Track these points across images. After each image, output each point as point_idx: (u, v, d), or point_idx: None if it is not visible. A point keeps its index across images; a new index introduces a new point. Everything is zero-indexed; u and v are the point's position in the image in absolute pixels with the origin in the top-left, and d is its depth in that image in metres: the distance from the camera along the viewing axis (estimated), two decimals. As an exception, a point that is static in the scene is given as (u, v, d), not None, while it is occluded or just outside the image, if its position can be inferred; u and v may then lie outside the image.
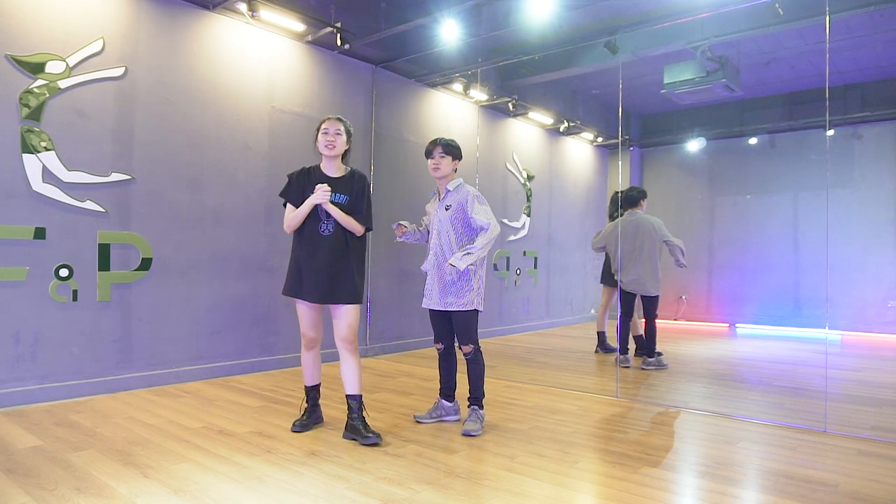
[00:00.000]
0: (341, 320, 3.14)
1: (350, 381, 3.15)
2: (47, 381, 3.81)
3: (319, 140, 3.15)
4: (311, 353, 3.30)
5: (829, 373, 4.12)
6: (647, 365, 5.25)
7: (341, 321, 3.14)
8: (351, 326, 3.14)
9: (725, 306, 7.13)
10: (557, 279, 8.39)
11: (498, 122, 7.44)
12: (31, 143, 3.74)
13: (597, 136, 8.65)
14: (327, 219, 3.11)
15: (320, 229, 3.11)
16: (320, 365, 3.37)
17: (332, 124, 3.15)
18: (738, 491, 2.50)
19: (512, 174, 7.64)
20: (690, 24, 5.22)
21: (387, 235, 6.08)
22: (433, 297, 3.38)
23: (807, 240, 6.53)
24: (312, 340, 3.26)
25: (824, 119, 4.19)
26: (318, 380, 3.35)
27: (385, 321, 6.06)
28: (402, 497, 2.36)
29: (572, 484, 2.55)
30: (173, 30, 4.43)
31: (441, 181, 3.44)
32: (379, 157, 6.00)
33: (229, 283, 4.74)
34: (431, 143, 3.43)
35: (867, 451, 3.04)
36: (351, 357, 3.16)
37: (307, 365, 3.32)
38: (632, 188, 5.60)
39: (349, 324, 3.14)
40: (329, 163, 3.19)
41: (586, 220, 8.88)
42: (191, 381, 4.47)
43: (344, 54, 5.61)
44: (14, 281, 3.68)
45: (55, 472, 2.57)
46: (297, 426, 3.26)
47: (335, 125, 3.15)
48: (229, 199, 4.75)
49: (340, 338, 3.15)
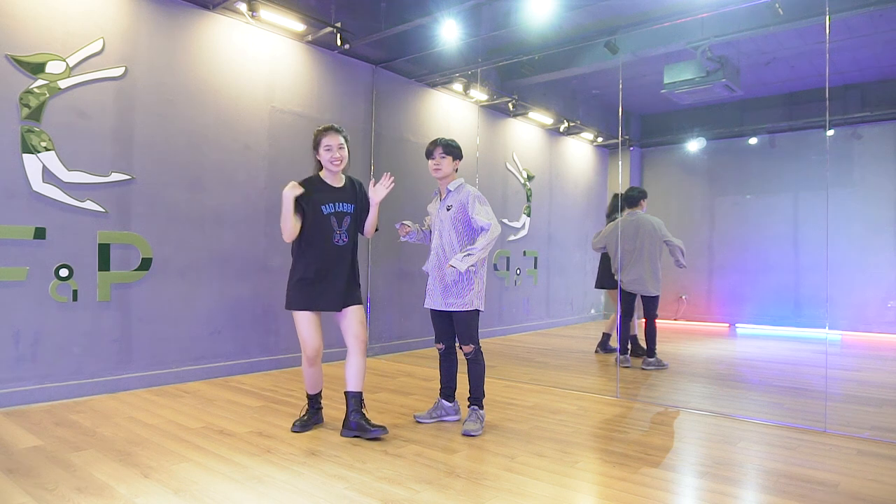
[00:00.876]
0: (354, 319, 3.20)
1: (356, 377, 3.18)
2: (47, 381, 3.81)
3: (323, 156, 3.15)
4: (315, 367, 3.27)
5: (829, 373, 4.12)
6: (647, 365, 5.25)
7: (354, 320, 3.20)
8: (363, 323, 3.24)
9: (725, 306, 7.13)
10: (557, 279, 8.39)
11: (498, 122, 7.44)
12: (32, 143, 3.74)
13: (597, 136, 8.65)
14: (340, 228, 3.17)
15: (335, 240, 3.16)
16: (322, 373, 3.37)
17: (334, 138, 3.14)
18: (738, 491, 2.50)
19: (512, 174, 7.64)
20: (690, 24, 5.22)
21: (387, 235, 6.08)
22: (435, 298, 3.38)
23: (807, 240, 6.53)
24: (317, 351, 3.21)
25: (824, 119, 4.20)
26: (321, 386, 3.38)
27: (385, 321, 6.06)
28: (402, 497, 2.36)
29: (572, 484, 2.55)
30: (173, 30, 4.43)
31: (442, 181, 3.44)
32: (379, 157, 6.00)
33: (229, 283, 4.74)
34: (432, 143, 3.42)
35: (867, 451, 3.04)
36: (362, 355, 3.21)
37: (312, 376, 3.30)
38: (632, 188, 5.61)
39: (361, 321, 3.23)
40: (332, 174, 3.21)
41: (586, 220, 8.88)
42: (191, 381, 4.47)
43: (344, 54, 5.61)
44: (14, 281, 3.68)
45: (55, 472, 2.57)
46: (297, 426, 3.26)
47: (337, 139, 3.15)
48: (229, 199, 4.75)
49: (355, 336, 3.20)
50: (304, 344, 3.18)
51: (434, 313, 3.47)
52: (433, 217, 3.51)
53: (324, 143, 3.14)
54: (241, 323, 4.82)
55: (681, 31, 5.36)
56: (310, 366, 3.25)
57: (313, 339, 3.17)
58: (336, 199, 3.18)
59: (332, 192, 3.18)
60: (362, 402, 3.18)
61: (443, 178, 3.41)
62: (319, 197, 3.15)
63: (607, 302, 6.16)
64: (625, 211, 5.51)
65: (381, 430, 3.09)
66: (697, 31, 5.28)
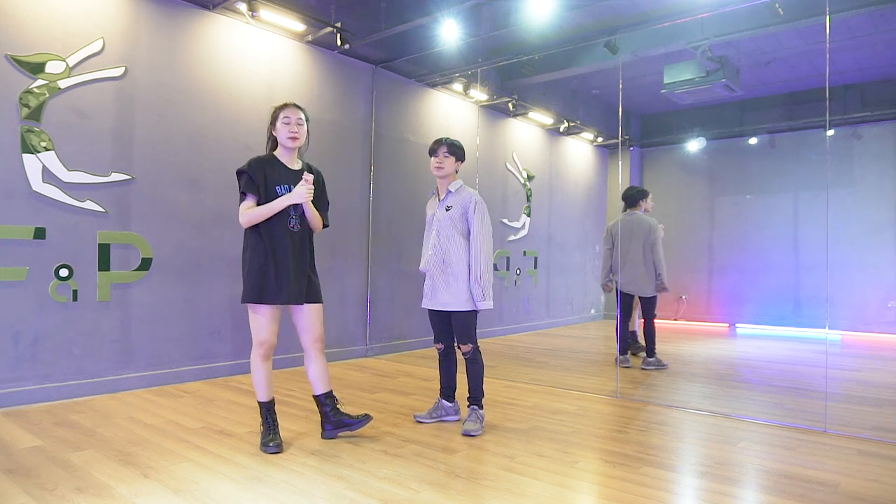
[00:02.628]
0: (314, 320, 3.01)
1: (323, 379, 3.07)
2: (47, 381, 3.81)
3: (280, 130, 2.92)
4: (269, 363, 2.98)
5: (829, 373, 4.12)
6: (646, 365, 5.25)
7: (314, 321, 3.01)
8: (322, 324, 3.05)
9: (725, 306, 7.13)
10: (557, 279, 8.39)
11: (498, 122, 7.44)
12: (31, 143, 3.74)
13: (597, 136, 8.65)
14: (295, 213, 2.93)
15: (290, 224, 2.91)
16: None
17: (294, 112, 2.93)
18: (738, 491, 2.50)
19: (512, 174, 7.64)
20: (690, 24, 5.23)
21: (387, 235, 6.08)
22: (433, 298, 3.38)
23: (807, 240, 6.53)
24: (273, 348, 2.97)
25: (824, 119, 4.20)
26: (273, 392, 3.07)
27: (385, 321, 6.06)
28: (402, 497, 2.36)
29: (572, 484, 2.55)
30: (173, 30, 4.43)
31: (442, 181, 3.43)
32: (379, 157, 6.00)
33: (229, 283, 4.74)
34: (436, 141, 3.42)
35: (867, 451, 3.04)
36: (322, 357, 3.07)
37: (266, 377, 2.96)
38: (631, 188, 5.61)
39: (321, 322, 3.05)
40: (289, 154, 2.99)
41: (586, 220, 8.88)
42: (191, 381, 4.47)
43: (344, 54, 5.61)
44: (14, 281, 3.68)
45: (55, 472, 2.57)
46: (274, 447, 2.88)
47: (297, 113, 2.94)
48: (229, 199, 4.75)
49: (314, 338, 3.02)
50: (261, 338, 2.91)
51: (432, 313, 3.46)
52: (430, 216, 3.50)
53: (282, 116, 2.92)
54: (241, 323, 4.82)
55: (681, 31, 5.36)
56: (265, 360, 2.94)
57: (270, 332, 2.92)
58: (291, 182, 2.93)
59: (286, 173, 2.95)
60: (335, 398, 3.11)
61: (444, 177, 3.41)
62: (273, 176, 2.91)
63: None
64: (626, 210, 5.51)
65: (365, 419, 3.01)
66: (697, 31, 5.28)
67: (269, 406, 2.99)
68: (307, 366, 3.08)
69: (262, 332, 2.91)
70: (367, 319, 5.87)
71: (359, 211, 5.80)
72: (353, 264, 5.73)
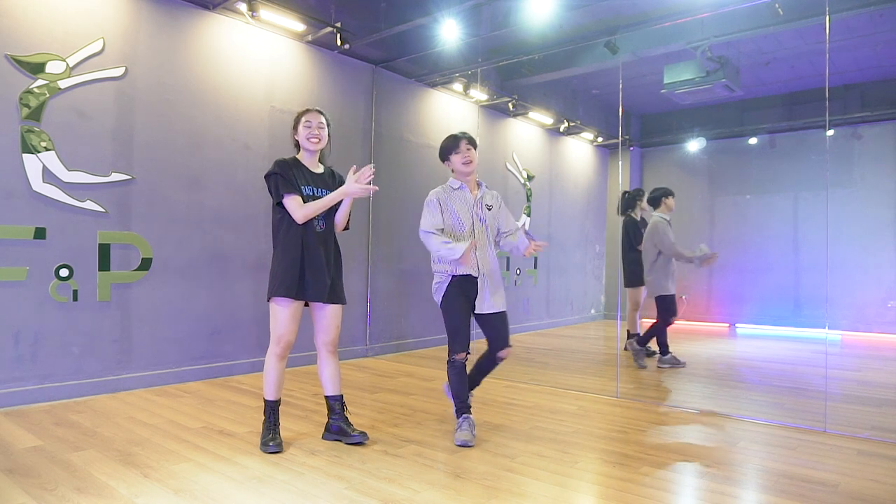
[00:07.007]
0: (332, 321, 3.04)
1: (335, 382, 3.08)
2: (47, 381, 3.81)
3: (301, 133, 3.01)
4: (284, 362, 3.01)
5: (829, 373, 4.12)
6: (662, 363, 5.28)
7: (332, 322, 3.04)
8: (339, 328, 3.08)
9: (725, 306, 7.13)
10: (557, 279, 8.39)
11: (498, 122, 7.44)
12: (32, 143, 3.74)
13: (597, 136, 8.65)
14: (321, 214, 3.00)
15: (315, 225, 2.98)
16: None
17: (315, 117, 3.02)
18: (738, 491, 2.50)
19: (512, 174, 7.64)
20: (690, 24, 5.23)
21: (387, 235, 6.08)
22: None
23: (807, 240, 6.53)
24: (290, 346, 2.98)
25: (824, 119, 4.19)
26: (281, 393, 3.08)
27: (385, 321, 6.06)
28: (402, 497, 2.36)
29: (572, 484, 2.55)
30: (173, 30, 4.43)
31: (470, 177, 3.26)
32: (379, 157, 6.00)
33: (229, 283, 4.74)
34: (453, 137, 3.25)
35: (867, 451, 3.04)
36: (335, 358, 3.09)
37: (279, 377, 2.99)
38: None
39: (338, 325, 3.07)
40: (311, 157, 3.07)
41: (586, 220, 8.88)
42: (191, 381, 4.47)
43: (344, 54, 5.61)
44: (14, 281, 3.68)
45: (55, 472, 2.57)
46: (274, 447, 2.90)
47: (318, 118, 3.03)
48: (229, 199, 4.75)
49: (329, 340, 3.05)
50: (280, 334, 2.93)
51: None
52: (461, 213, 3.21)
53: (304, 120, 3.01)
54: (241, 323, 4.82)
55: (681, 31, 5.36)
56: (280, 359, 2.98)
57: (290, 330, 2.95)
58: (315, 183, 3.01)
59: (310, 175, 3.03)
60: (344, 405, 3.13)
61: (472, 172, 3.25)
62: (299, 177, 2.97)
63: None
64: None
65: (361, 436, 3.00)
66: (697, 31, 5.28)
67: (275, 406, 3.01)
68: (320, 367, 3.10)
69: (280, 328, 2.93)
70: (368, 319, 5.87)
71: (359, 211, 5.80)
72: (353, 264, 5.73)
